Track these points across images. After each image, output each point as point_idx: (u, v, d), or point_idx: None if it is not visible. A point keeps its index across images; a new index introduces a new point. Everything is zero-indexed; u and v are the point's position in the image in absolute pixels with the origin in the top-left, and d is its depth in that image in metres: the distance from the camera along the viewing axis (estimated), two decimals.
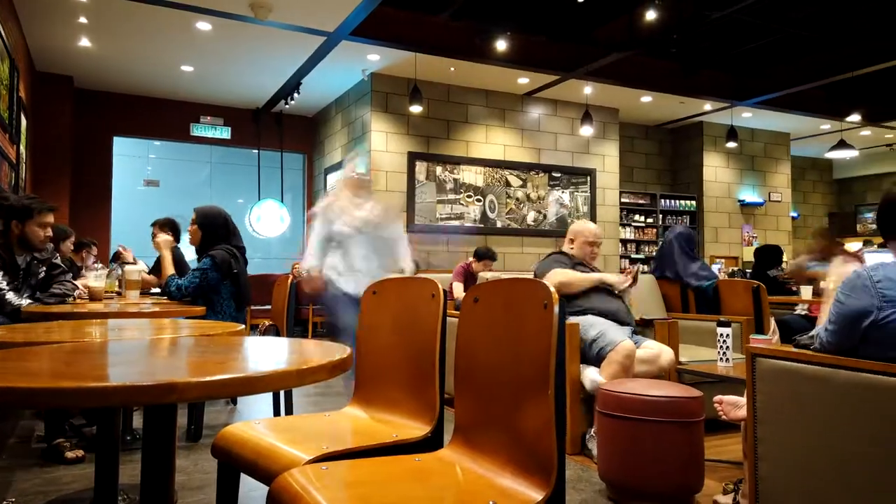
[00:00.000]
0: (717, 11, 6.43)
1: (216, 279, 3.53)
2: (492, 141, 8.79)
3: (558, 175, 9.21)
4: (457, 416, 1.54)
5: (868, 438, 1.51)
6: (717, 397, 2.23)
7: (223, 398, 3.85)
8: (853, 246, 8.42)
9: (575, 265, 3.46)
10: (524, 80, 8.36)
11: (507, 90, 8.80)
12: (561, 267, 3.40)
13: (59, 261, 3.43)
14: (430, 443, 1.57)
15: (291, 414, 3.29)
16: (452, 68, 7.88)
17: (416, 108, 7.79)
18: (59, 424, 2.98)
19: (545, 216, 9.09)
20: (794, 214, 12.29)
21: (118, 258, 5.19)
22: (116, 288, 4.26)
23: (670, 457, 2.34)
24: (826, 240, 5.06)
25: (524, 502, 1.21)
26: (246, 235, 4.27)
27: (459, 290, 5.80)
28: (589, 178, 9.43)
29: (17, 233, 3.10)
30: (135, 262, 4.72)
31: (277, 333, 3.60)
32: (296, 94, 8.30)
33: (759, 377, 1.77)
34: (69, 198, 7.91)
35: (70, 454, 2.85)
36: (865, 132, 11.18)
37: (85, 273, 4.54)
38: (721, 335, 2.89)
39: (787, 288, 5.26)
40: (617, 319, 3.23)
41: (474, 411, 1.51)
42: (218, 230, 3.68)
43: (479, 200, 8.65)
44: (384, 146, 8.15)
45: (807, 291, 4.73)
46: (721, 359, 2.88)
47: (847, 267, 1.94)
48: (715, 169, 10.84)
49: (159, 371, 1.27)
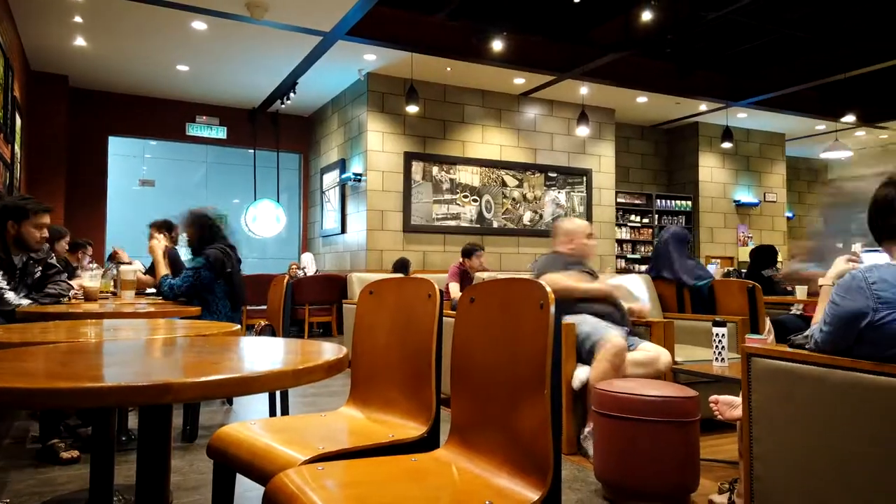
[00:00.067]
0: (713, 12, 6.45)
1: (209, 278, 3.55)
2: (488, 141, 8.79)
3: (554, 175, 9.22)
4: (453, 416, 1.54)
5: (863, 438, 1.52)
6: (713, 397, 2.23)
7: (219, 398, 3.85)
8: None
9: (568, 265, 3.45)
10: (520, 81, 8.36)
11: (503, 90, 8.80)
12: (554, 270, 3.40)
13: (54, 261, 3.42)
14: (427, 443, 1.57)
15: (287, 414, 3.29)
16: (449, 68, 7.88)
17: (412, 108, 7.78)
18: (55, 425, 2.97)
19: (541, 216, 9.10)
20: (790, 215, 12.32)
21: (114, 258, 5.18)
22: (112, 288, 4.25)
23: (666, 456, 2.34)
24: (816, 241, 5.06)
25: (520, 502, 1.22)
26: (242, 235, 4.27)
27: (456, 290, 5.79)
28: (585, 179, 9.45)
29: (13, 233, 3.10)
30: (130, 263, 4.71)
31: (273, 333, 3.59)
32: (292, 94, 8.29)
33: (754, 377, 1.77)
34: (64, 198, 7.88)
35: (65, 455, 2.84)
36: (860, 133, 11.23)
37: (80, 273, 4.52)
38: (716, 335, 2.90)
39: (782, 288, 5.27)
40: (612, 320, 3.24)
41: (471, 411, 1.51)
42: (205, 230, 3.76)
43: (475, 200, 8.66)
44: (380, 146, 8.14)
45: (802, 291, 4.74)
46: (717, 358, 2.89)
47: (844, 267, 1.95)
48: (710, 169, 10.87)
49: (155, 371, 1.27)
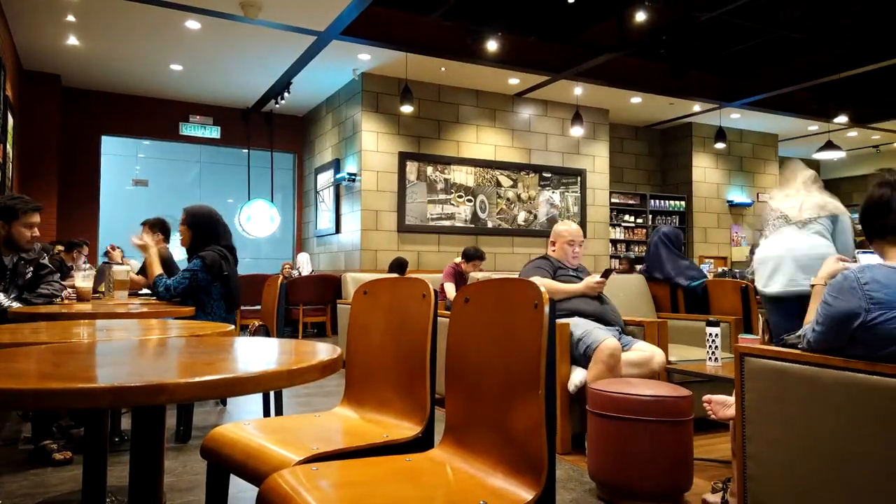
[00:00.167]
0: (706, 13, 6.47)
1: (206, 280, 3.49)
2: (482, 141, 8.79)
3: (549, 175, 9.23)
4: (447, 416, 1.54)
5: (856, 437, 1.53)
6: (707, 396, 2.24)
7: (213, 399, 3.83)
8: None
9: (557, 269, 3.46)
10: (515, 81, 8.37)
11: (497, 90, 8.81)
12: (541, 273, 3.40)
13: (46, 261, 3.39)
14: (421, 443, 1.57)
15: (281, 414, 3.28)
16: (443, 68, 7.88)
17: (406, 108, 7.77)
18: (47, 426, 2.95)
19: (536, 216, 9.11)
20: None
21: (109, 255, 5.16)
22: (101, 289, 4.22)
23: (660, 456, 2.35)
24: None
25: (515, 502, 1.22)
26: (236, 235, 4.24)
27: (451, 291, 5.78)
28: (579, 179, 9.46)
29: (3, 233, 3.06)
30: (122, 263, 4.69)
31: (267, 334, 3.57)
32: (286, 94, 8.27)
33: (747, 376, 1.78)
34: (57, 198, 7.84)
35: (58, 456, 2.83)
36: (852, 133, 11.28)
37: (73, 273, 4.50)
38: (710, 335, 2.91)
39: None
40: (603, 320, 3.24)
41: (465, 411, 1.51)
42: (208, 230, 3.63)
43: (469, 200, 8.66)
44: (375, 146, 8.13)
45: None
46: (710, 358, 2.90)
47: (835, 267, 1.96)
48: (704, 170, 10.91)
49: (148, 372, 1.26)
